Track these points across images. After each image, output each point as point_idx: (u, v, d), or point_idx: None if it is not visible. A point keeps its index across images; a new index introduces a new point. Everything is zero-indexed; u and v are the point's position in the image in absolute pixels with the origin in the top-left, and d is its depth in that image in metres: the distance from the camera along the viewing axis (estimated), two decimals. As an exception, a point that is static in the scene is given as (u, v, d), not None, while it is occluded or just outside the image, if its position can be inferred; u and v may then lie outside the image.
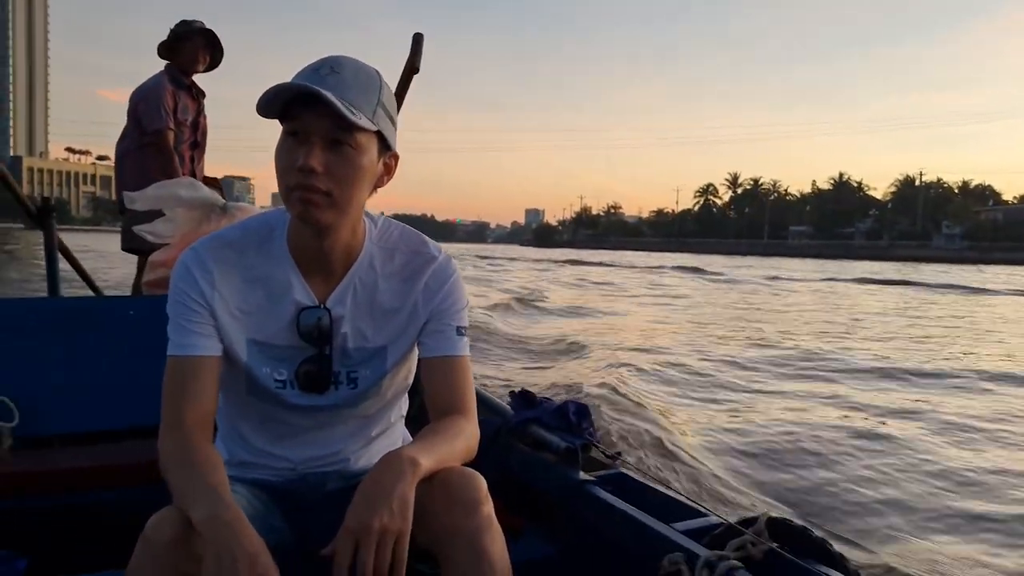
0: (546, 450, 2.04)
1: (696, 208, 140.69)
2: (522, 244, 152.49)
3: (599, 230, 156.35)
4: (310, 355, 1.36)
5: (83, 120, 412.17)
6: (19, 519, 2.17)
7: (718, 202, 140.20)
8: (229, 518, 1.08)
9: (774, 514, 1.58)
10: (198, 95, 4.41)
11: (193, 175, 4.29)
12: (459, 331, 1.38)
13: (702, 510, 1.77)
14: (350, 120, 1.17)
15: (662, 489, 1.89)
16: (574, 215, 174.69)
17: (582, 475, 1.92)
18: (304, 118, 1.19)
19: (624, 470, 1.99)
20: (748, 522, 1.56)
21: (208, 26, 4.28)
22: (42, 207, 3.39)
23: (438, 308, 1.37)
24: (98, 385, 2.43)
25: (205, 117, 4.51)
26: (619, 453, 2.08)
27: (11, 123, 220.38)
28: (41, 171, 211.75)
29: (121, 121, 4.37)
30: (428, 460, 1.18)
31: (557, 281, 26.11)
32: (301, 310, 1.34)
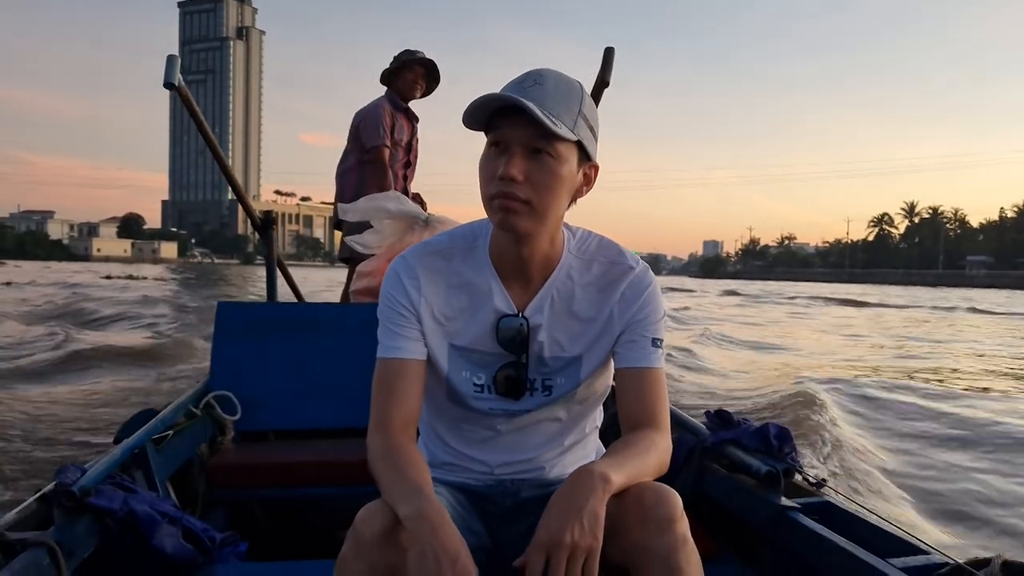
0: (745, 473, 1.95)
1: (871, 238, 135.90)
2: (690, 275, 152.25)
3: (769, 261, 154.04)
4: (508, 361, 1.38)
5: (288, 164, 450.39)
6: (240, 506, 2.35)
7: (894, 232, 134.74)
8: (433, 516, 1.10)
9: (1009, 556, 1.41)
10: (413, 119, 4.67)
11: (404, 192, 4.56)
12: (654, 343, 1.36)
13: (922, 546, 1.58)
14: (550, 129, 1.19)
15: (874, 520, 1.71)
16: (742, 246, 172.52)
17: (784, 501, 1.80)
18: (506, 129, 1.22)
19: (830, 498, 1.84)
20: (979, 563, 1.41)
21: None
22: (264, 219, 3.59)
23: (634, 319, 1.37)
24: (311, 386, 2.58)
25: (418, 140, 4.74)
26: (824, 480, 1.91)
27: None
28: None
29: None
30: (619, 476, 1.16)
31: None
32: (501, 317, 1.37)
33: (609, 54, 2.92)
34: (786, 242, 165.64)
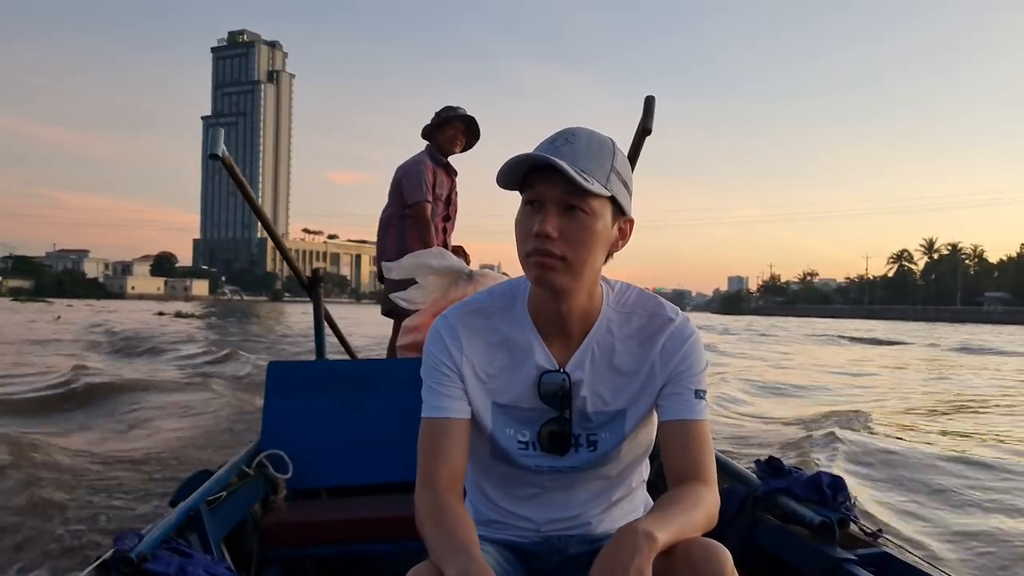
0: (798, 523, 1.89)
1: (891, 274, 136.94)
2: (712, 311, 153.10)
3: (789, 297, 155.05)
4: (551, 417, 1.39)
5: (316, 201, 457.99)
6: (294, 564, 2.37)
7: (913, 268, 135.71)
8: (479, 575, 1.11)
9: None
10: (452, 173, 4.73)
11: (445, 245, 4.62)
12: (697, 394, 1.35)
13: None
14: (582, 186, 1.21)
15: (935, 574, 1.64)
16: (762, 283, 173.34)
17: (840, 552, 1.75)
18: (540, 187, 1.25)
19: (887, 549, 1.78)
20: None
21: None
22: (312, 278, 3.54)
23: (675, 371, 1.36)
24: (361, 442, 2.61)
25: (457, 194, 4.80)
26: (880, 530, 1.86)
27: None
28: None
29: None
30: (665, 533, 1.13)
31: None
32: (542, 374, 1.37)
33: (650, 102, 2.93)
34: (808, 278, 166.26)
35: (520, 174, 1.27)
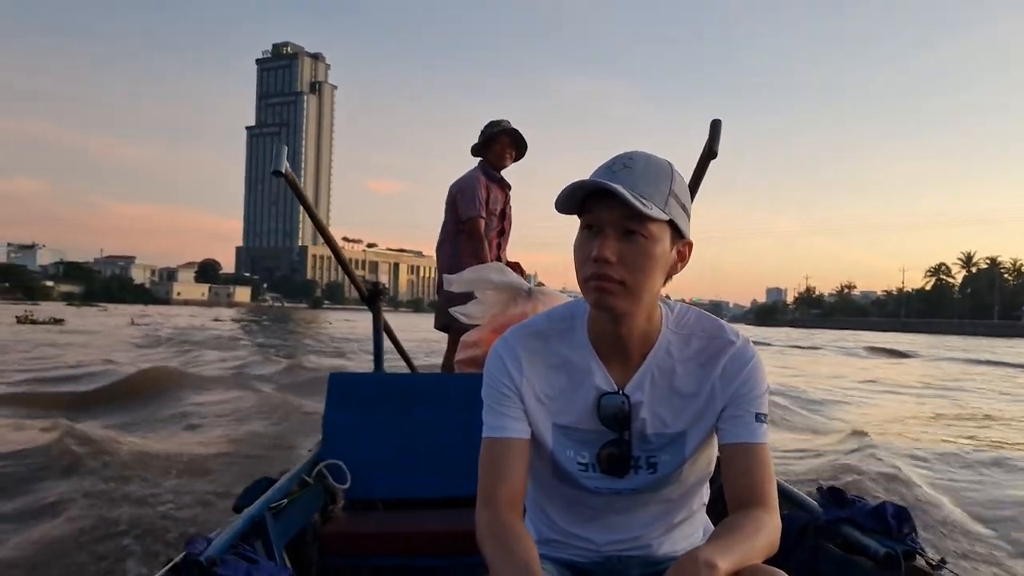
0: (862, 554, 1.85)
1: (928, 287, 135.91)
2: (748, 323, 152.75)
3: (825, 309, 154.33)
4: (611, 439, 1.39)
5: (356, 210, 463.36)
6: (351, 573, 2.38)
7: (951, 281, 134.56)
8: None
9: None
10: (506, 187, 4.76)
11: (498, 259, 4.70)
12: (758, 417, 1.35)
13: None
14: (640, 211, 1.22)
15: None
16: (798, 295, 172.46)
17: None
18: (598, 212, 1.26)
19: None
20: None
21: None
22: (372, 291, 3.55)
23: (736, 393, 1.36)
24: (418, 455, 2.64)
25: (511, 208, 4.84)
26: (944, 560, 1.78)
27: (300, 218, 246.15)
28: (323, 258, 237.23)
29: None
30: (726, 561, 1.12)
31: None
32: (602, 395, 1.38)
33: (716, 126, 2.89)
34: (845, 291, 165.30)
35: (579, 199, 1.29)
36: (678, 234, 1.31)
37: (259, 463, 5.71)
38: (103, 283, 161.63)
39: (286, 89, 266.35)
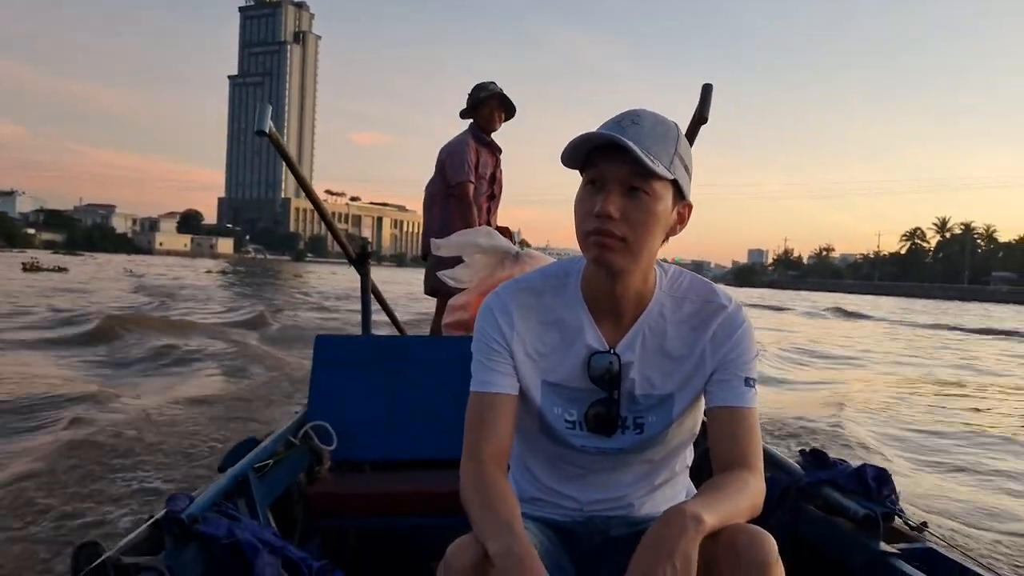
0: (841, 515, 1.89)
1: (903, 251, 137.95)
2: (726, 283, 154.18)
3: (802, 271, 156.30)
4: (599, 398, 1.39)
5: (339, 162, 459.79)
6: (336, 534, 2.41)
7: (926, 246, 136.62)
8: (521, 553, 1.11)
9: None
10: (496, 151, 4.73)
11: (488, 224, 4.64)
12: (747, 382, 1.35)
13: None
14: (648, 167, 1.22)
15: (980, 571, 1.59)
16: (776, 256, 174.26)
17: (883, 546, 1.74)
18: (604, 166, 1.25)
19: (932, 544, 1.76)
20: None
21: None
22: (360, 252, 3.50)
23: (726, 358, 1.36)
24: (405, 417, 2.64)
25: (501, 171, 4.81)
26: (925, 523, 1.83)
27: (283, 170, 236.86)
28: (305, 211, 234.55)
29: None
30: (712, 517, 1.13)
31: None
32: (592, 354, 1.37)
33: (707, 90, 2.88)
34: (824, 253, 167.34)
35: (584, 152, 1.27)
36: (680, 195, 1.31)
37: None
38: (85, 232, 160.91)
39: (269, 38, 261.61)
